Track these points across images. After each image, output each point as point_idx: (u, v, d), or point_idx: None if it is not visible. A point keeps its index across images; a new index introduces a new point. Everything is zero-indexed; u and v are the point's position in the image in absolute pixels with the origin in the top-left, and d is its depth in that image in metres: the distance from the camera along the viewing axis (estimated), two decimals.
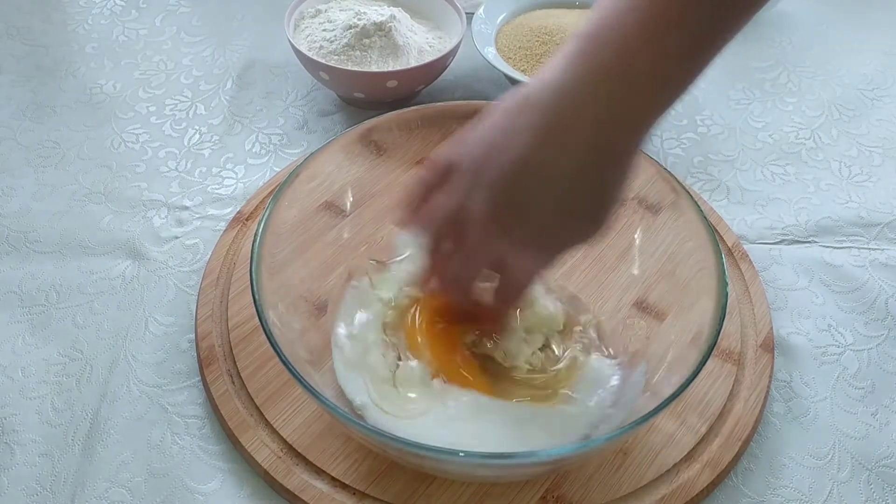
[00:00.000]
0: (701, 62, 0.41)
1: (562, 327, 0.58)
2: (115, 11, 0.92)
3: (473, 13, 0.82)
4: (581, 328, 0.59)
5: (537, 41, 0.80)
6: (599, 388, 0.54)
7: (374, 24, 0.76)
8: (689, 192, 0.56)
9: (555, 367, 0.56)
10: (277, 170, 0.73)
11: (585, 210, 0.44)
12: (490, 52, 0.78)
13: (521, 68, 0.78)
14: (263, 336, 0.48)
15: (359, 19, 0.77)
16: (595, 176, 0.43)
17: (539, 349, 0.56)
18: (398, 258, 0.61)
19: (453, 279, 0.51)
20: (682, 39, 0.40)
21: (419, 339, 0.55)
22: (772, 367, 0.58)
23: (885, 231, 0.70)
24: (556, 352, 0.57)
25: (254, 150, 0.76)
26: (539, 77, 0.43)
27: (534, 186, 0.43)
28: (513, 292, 0.51)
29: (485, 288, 0.52)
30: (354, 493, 0.51)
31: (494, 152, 0.44)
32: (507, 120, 0.44)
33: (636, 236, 0.61)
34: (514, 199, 0.44)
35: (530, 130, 0.42)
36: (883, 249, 0.68)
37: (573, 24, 0.81)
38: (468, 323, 0.55)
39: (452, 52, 0.77)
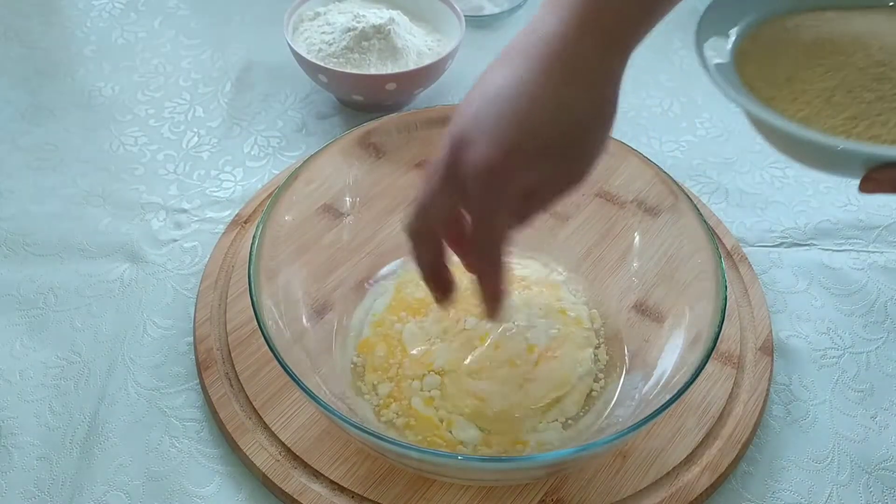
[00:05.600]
0: None
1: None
2: (114, 14, 0.92)
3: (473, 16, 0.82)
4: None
5: None
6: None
7: (373, 26, 0.76)
8: (688, 195, 0.57)
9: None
10: (276, 172, 0.73)
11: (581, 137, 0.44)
12: None
13: None
14: (262, 339, 0.48)
15: (357, 22, 0.77)
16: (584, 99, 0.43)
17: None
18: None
19: (485, 249, 0.46)
20: None
21: None
22: (771, 370, 0.58)
23: (883, 234, 0.70)
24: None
25: (252, 153, 0.76)
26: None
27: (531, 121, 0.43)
28: (493, 246, 0.46)
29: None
30: (353, 497, 0.51)
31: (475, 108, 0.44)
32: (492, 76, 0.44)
33: (635, 239, 0.61)
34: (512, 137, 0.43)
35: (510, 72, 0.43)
36: (882, 252, 0.68)
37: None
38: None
39: (451, 55, 0.77)
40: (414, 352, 0.56)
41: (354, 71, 0.75)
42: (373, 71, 0.75)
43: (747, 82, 0.46)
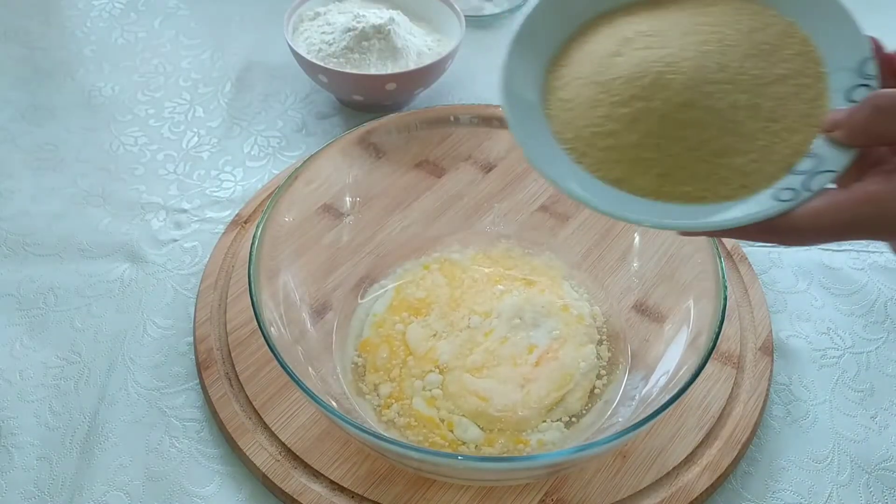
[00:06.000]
0: None
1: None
2: (114, 14, 0.92)
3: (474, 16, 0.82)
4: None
5: None
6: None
7: (373, 26, 0.76)
8: None
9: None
10: (276, 172, 0.73)
11: None
12: None
13: None
14: (262, 339, 0.48)
15: (357, 22, 0.77)
16: None
17: None
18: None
19: None
20: None
21: None
22: (771, 370, 0.58)
23: None
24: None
25: (252, 153, 0.76)
26: None
27: None
28: None
29: None
30: (353, 497, 0.51)
31: None
32: None
33: (635, 239, 0.61)
34: None
35: None
36: (882, 252, 0.68)
37: None
38: None
39: (451, 55, 0.77)
40: (419, 349, 0.57)
41: (354, 71, 0.75)
42: (373, 71, 0.75)
43: (556, 131, 0.40)
